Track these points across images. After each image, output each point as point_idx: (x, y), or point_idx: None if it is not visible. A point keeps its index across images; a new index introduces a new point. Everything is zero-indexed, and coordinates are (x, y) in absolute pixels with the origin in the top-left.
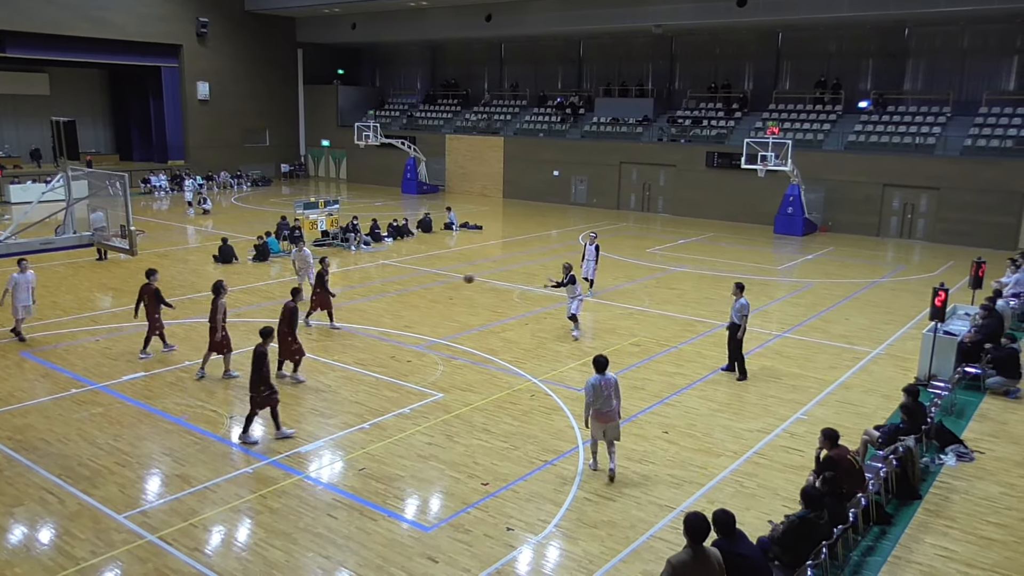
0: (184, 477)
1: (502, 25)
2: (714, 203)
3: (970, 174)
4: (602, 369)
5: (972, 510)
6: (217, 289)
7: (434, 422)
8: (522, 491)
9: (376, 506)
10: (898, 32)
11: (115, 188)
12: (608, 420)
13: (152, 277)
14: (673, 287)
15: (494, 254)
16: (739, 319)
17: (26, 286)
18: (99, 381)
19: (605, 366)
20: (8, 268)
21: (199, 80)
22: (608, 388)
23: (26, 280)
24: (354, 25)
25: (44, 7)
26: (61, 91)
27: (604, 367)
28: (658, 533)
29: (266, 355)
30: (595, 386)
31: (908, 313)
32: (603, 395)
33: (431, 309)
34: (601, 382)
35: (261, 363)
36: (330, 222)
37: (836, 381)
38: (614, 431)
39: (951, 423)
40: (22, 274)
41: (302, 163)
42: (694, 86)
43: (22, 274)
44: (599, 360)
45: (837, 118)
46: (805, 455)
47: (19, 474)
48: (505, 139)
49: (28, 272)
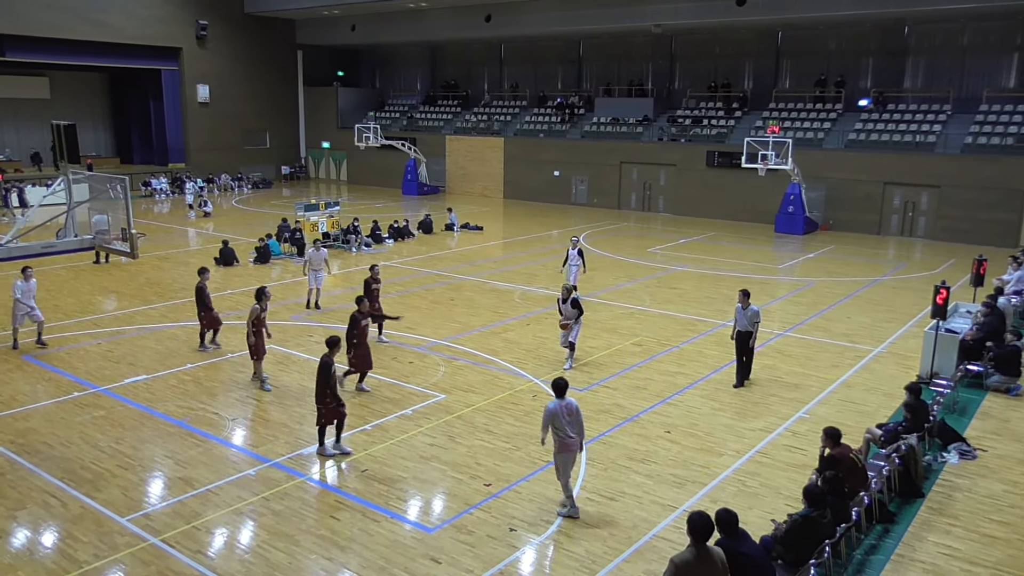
0: (186, 480)
1: (502, 25)
2: (715, 202)
3: (971, 171)
4: (562, 393)
5: (975, 508)
6: (259, 295)
7: (436, 423)
8: (525, 491)
9: (379, 507)
10: (898, 30)
11: (116, 191)
12: (570, 450)
13: (202, 275)
14: (674, 286)
15: (495, 255)
16: (752, 326)
17: (27, 294)
18: (101, 384)
19: (565, 390)
20: (6, 271)
21: (199, 82)
22: (570, 413)
23: (29, 288)
24: (354, 26)
25: (44, 10)
26: (61, 94)
27: (564, 391)
28: (661, 533)
29: (331, 365)
30: (553, 412)
31: (910, 311)
32: (565, 421)
33: (432, 310)
34: (561, 407)
35: (327, 374)
36: (331, 224)
37: (838, 380)
38: (569, 464)
39: (953, 421)
40: (25, 282)
41: (302, 165)
42: (694, 85)
43: (25, 282)
44: (559, 383)
45: (837, 116)
46: (807, 454)
47: (22, 478)
48: (505, 139)
49: (32, 280)
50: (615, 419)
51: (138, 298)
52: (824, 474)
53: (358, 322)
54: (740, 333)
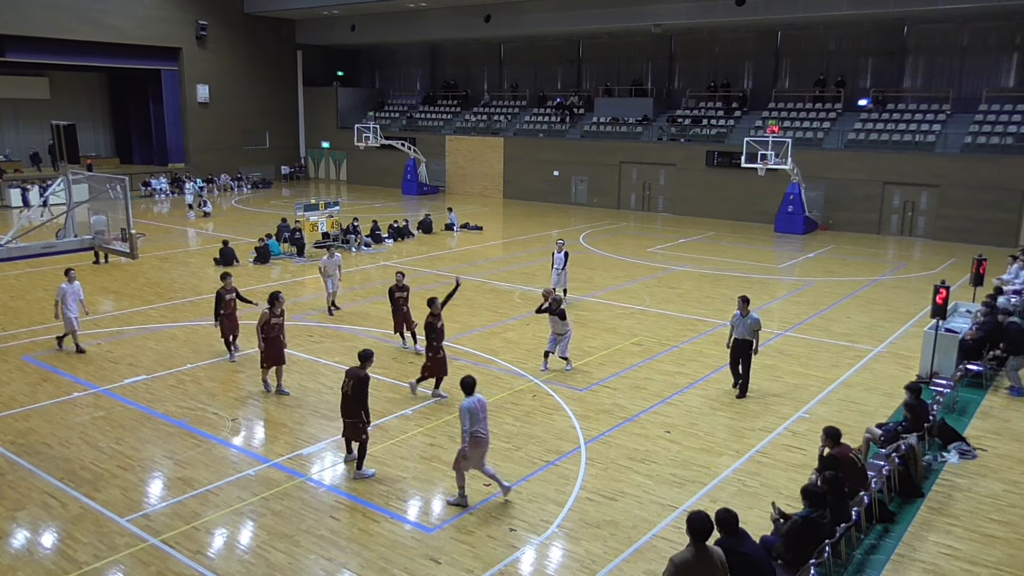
0: (186, 480)
1: (501, 25)
2: (714, 202)
3: (970, 171)
4: (471, 390)
5: (975, 508)
6: (271, 300)
7: (436, 423)
8: (524, 491)
9: (378, 508)
10: (897, 30)
11: (115, 191)
12: (483, 446)
13: (225, 280)
14: (674, 286)
15: (495, 255)
16: (752, 335)
17: (74, 297)
18: (101, 385)
19: (474, 387)
20: (6, 272)
21: (199, 83)
22: (483, 409)
23: (74, 291)
24: (353, 26)
25: (44, 11)
26: (61, 95)
27: (473, 388)
28: (661, 532)
29: (368, 380)
30: (471, 409)
31: (909, 311)
32: (480, 418)
33: None
34: (476, 404)
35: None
36: (331, 224)
37: (838, 379)
38: (482, 459)
39: (953, 420)
40: (70, 284)
41: (302, 165)
42: (693, 85)
43: (70, 284)
44: (467, 381)
45: (837, 116)
46: (807, 454)
47: (21, 478)
48: (505, 139)
49: (76, 283)
50: (615, 419)
51: (138, 298)
52: (824, 474)
53: (433, 326)
54: (738, 341)
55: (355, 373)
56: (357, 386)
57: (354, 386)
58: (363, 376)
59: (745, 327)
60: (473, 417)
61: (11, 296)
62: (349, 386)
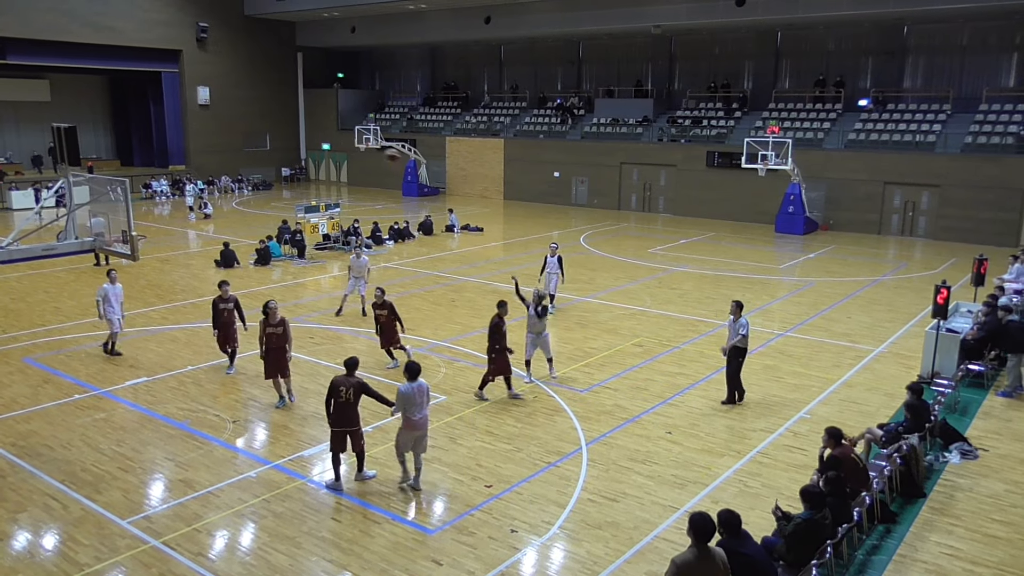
0: (187, 482)
1: (501, 27)
2: (715, 202)
3: (971, 171)
4: (415, 376)
5: (977, 508)
6: (264, 311)
7: (437, 424)
8: (526, 493)
9: (380, 509)
10: (897, 30)
11: (116, 193)
12: (418, 429)
13: (221, 288)
14: (675, 287)
15: (496, 256)
16: (743, 342)
17: (116, 298)
18: (102, 386)
19: (418, 373)
20: (7, 274)
21: (199, 85)
22: (421, 395)
23: (116, 292)
24: (353, 28)
25: (45, 13)
26: (62, 97)
27: (417, 374)
28: (662, 534)
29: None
30: (407, 395)
31: (910, 311)
32: (416, 402)
33: (433, 311)
34: (413, 390)
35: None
36: (331, 225)
37: (839, 380)
38: (422, 442)
39: (955, 421)
40: (112, 285)
41: (303, 167)
42: (693, 86)
43: (112, 285)
44: (411, 367)
45: (837, 116)
46: (809, 454)
47: (23, 480)
48: (505, 141)
49: (118, 284)
50: (616, 420)
51: (139, 300)
52: (827, 474)
53: (499, 327)
54: (734, 347)
55: (352, 381)
56: (360, 391)
57: (355, 392)
58: (360, 382)
59: (734, 333)
60: (408, 401)
61: (12, 298)
62: (350, 393)
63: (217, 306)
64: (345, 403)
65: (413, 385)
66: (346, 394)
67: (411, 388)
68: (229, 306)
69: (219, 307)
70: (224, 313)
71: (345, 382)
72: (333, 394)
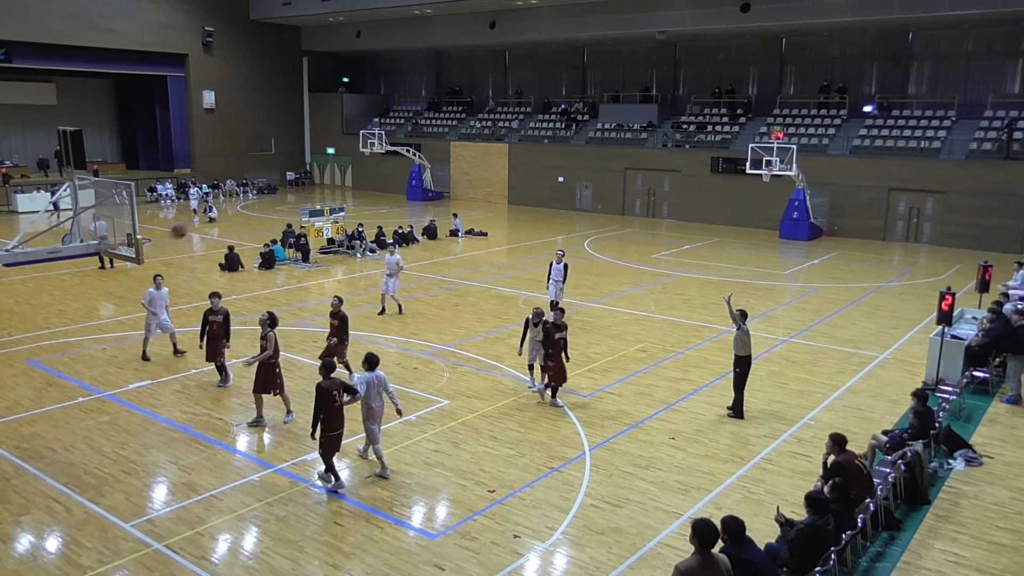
0: (190, 485)
1: (506, 32)
2: (719, 208)
3: (976, 177)
4: (373, 367)
5: (982, 515)
6: (272, 321)
7: (440, 429)
8: (529, 498)
9: (382, 514)
10: (902, 36)
11: (121, 197)
12: (376, 419)
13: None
14: (679, 292)
15: (499, 260)
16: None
17: (162, 303)
18: (105, 389)
19: (376, 364)
20: (12, 277)
21: (205, 89)
22: (379, 386)
23: (161, 296)
24: (359, 33)
25: (51, 17)
26: (68, 101)
27: (375, 365)
28: (666, 540)
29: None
30: (368, 383)
31: (915, 317)
32: (375, 391)
33: (437, 316)
34: (373, 380)
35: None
36: (336, 229)
37: (843, 386)
38: (377, 433)
39: (959, 427)
40: (158, 291)
41: (307, 171)
42: (698, 91)
43: (158, 291)
44: (371, 358)
45: (842, 122)
46: (813, 460)
47: (26, 483)
48: (510, 145)
49: (164, 288)
50: (620, 425)
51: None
52: (833, 481)
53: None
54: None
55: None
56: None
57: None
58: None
59: (736, 341)
60: (369, 390)
61: (17, 301)
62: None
63: (207, 318)
64: (339, 406)
65: (372, 375)
66: (339, 397)
67: (371, 377)
68: (219, 319)
69: (209, 318)
70: (213, 326)
71: (332, 385)
72: (328, 399)
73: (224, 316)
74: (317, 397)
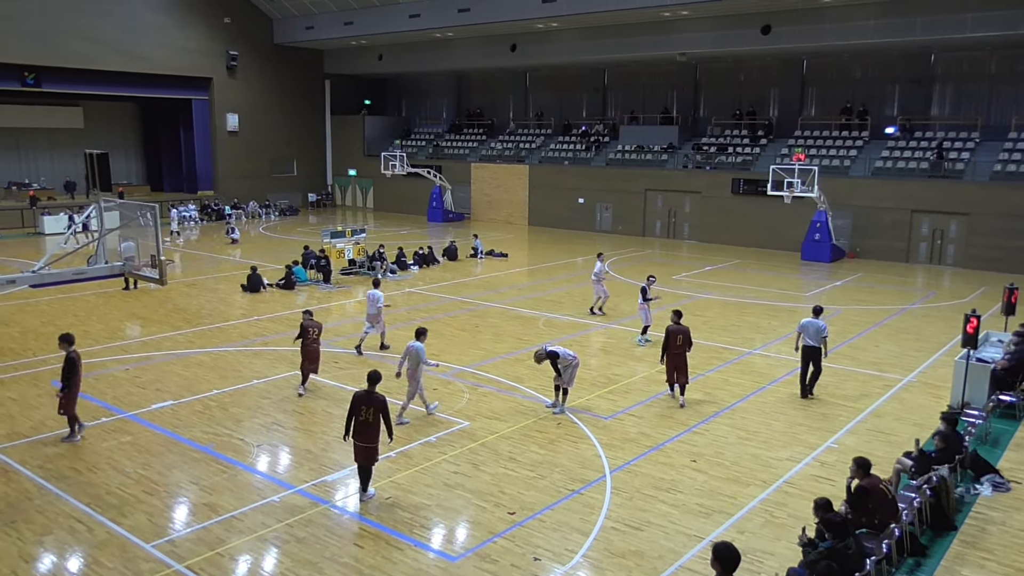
0: (211, 506)
1: (527, 55)
2: (740, 229)
3: (1001, 199)
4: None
5: (1010, 542)
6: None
7: (460, 450)
8: (549, 520)
9: (402, 535)
10: (924, 58)
11: (146, 219)
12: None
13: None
14: (699, 314)
15: (520, 281)
16: (821, 342)
17: (373, 303)
18: (128, 410)
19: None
20: (39, 298)
21: (228, 112)
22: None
23: (375, 297)
24: (381, 56)
25: (79, 43)
26: (94, 124)
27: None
28: (687, 564)
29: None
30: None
31: (939, 340)
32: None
33: (457, 337)
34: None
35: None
36: (357, 251)
37: (867, 409)
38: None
39: (986, 452)
40: (375, 291)
41: (329, 192)
42: (719, 113)
43: (375, 291)
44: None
45: (864, 144)
46: (836, 484)
47: (49, 503)
48: (530, 167)
49: (378, 291)
50: (640, 448)
51: (166, 324)
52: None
53: None
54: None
55: (375, 400)
56: (380, 412)
57: (375, 412)
58: (382, 400)
59: (816, 335)
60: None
61: (42, 322)
62: (370, 413)
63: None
64: (365, 422)
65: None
66: (366, 414)
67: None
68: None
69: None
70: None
71: (367, 400)
72: (354, 412)
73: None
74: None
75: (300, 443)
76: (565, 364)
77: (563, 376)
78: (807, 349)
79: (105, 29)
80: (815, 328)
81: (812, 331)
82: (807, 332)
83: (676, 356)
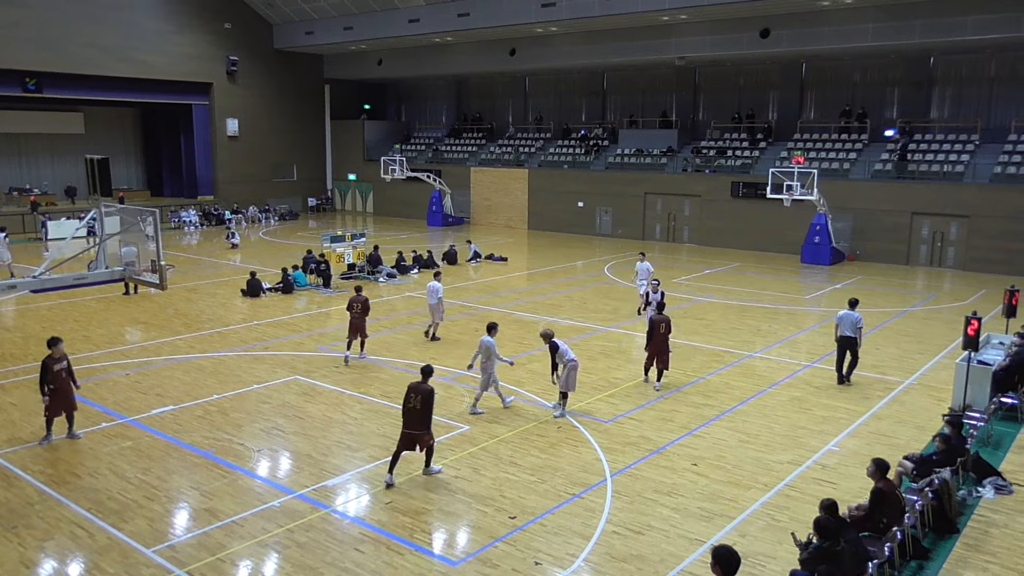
0: (212, 511)
1: (526, 59)
2: (740, 233)
3: (1001, 201)
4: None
5: (1013, 544)
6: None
7: (460, 455)
8: (550, 524)
9: (403, 540)
10: (923, 61)
11: (146, 223)
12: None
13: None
14: (700, 317)
15: (519, 285)
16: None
17: (432, 294)
18: (129, 415)
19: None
20: (39, 303)
21: (229, 117)
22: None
23: (434, 288)
24: (380, 61)
25: (80, 48)
26: (95, 129)
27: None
28: (688, 567)
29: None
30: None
31: (940, 342)
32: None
33: (456, 341)
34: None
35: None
36: (356, 255)
37: (868, 412)
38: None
39: (988, 454)
40: (435, 283)
41: (329, 197)
42: (718, 116)
43: (435, 283)
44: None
45: (863, 147)
46: (838, 487)
47: (50, 508)
48: (530, 171)
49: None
50: (641, 451)
51: (166, 329)
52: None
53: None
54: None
55: (423, 388)
56: (426, 400)
57: (423, 400)
58: (430, 390)
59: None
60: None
61: (43, 327)
62: (418, 401)
63: (50, 367)
64: (412, 409)
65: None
66: (414, 401)
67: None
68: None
69: (52, 368)
70: (59, 374)
71: (416, 388)
72: (406, 400)
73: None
74: None
75: (300, 448)
76: (562, 360)
77: (560, 375)
78: (843, 339)
79: (106, 35)
80: (851, 320)
81: (848, 323)
82: (843, 323)
83: (659, 343)
